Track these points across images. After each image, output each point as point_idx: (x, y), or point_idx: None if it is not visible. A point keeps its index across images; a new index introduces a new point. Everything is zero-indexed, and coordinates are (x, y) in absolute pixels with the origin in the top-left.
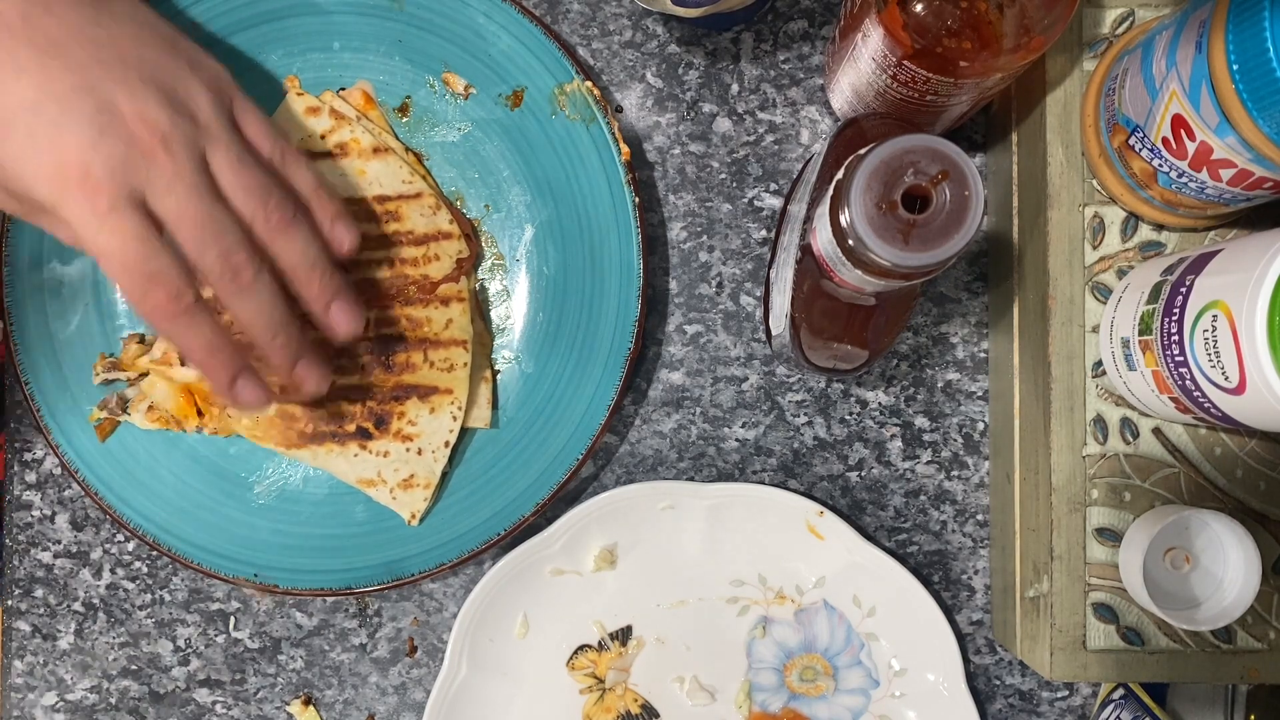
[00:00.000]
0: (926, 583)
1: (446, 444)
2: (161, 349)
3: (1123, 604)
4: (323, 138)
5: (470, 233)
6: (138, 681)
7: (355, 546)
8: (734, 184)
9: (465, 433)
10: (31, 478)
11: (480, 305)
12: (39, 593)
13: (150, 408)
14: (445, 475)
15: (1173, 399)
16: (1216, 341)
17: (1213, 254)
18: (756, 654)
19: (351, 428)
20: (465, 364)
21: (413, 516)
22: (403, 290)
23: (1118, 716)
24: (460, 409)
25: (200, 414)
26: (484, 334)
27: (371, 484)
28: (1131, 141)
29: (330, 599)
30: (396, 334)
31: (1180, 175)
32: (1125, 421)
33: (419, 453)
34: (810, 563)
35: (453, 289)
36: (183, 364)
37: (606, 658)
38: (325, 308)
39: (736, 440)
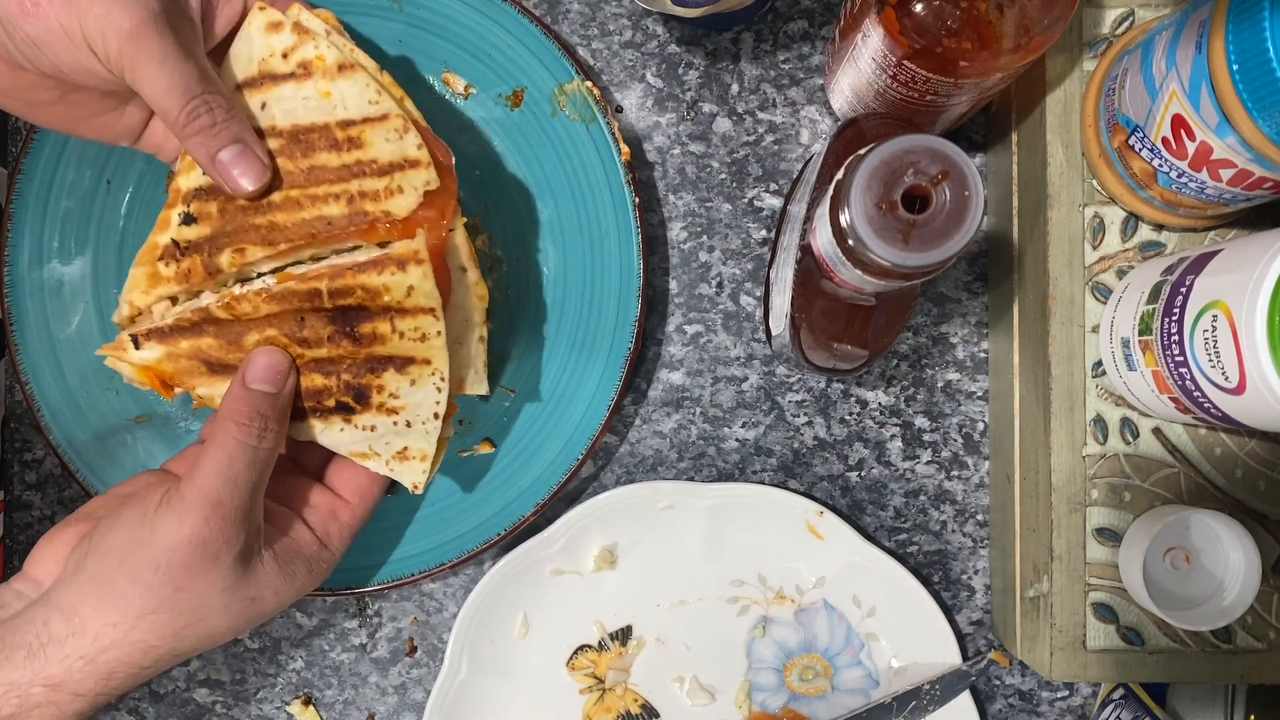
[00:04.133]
0: (926, 583)
1: (436, 415)
2: (118, 343)
3: (1123, 604)
4: (284, 56)
5: (445, 163)
6: None
7: (355, 546)
8: (734, 184)
9: (464, 432)
10: (31, 478)
11: (473, 254)
12: None
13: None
14: (448, 443)
15: (1173, 399)
16: (1216, 341)
17: (1213, 254)
18: (756, 654)
19: (331, 403)
20: (438, 332)
21: (415, 486)
22: (363, 230)
23: (1118, 716)
24: (443, 379)
25: (169, 388)
26: (477, 286)
27: (365, 457)
28: (1131, 141)
29: (330, 599)
30: (355, 304)
31: (1180, 175)
32: (1125, 421)
33: (408, 425)
34: (810, 563)
35: (408, 249)
36: (137, 346)
37: (606, 658)
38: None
39: (736, 440)
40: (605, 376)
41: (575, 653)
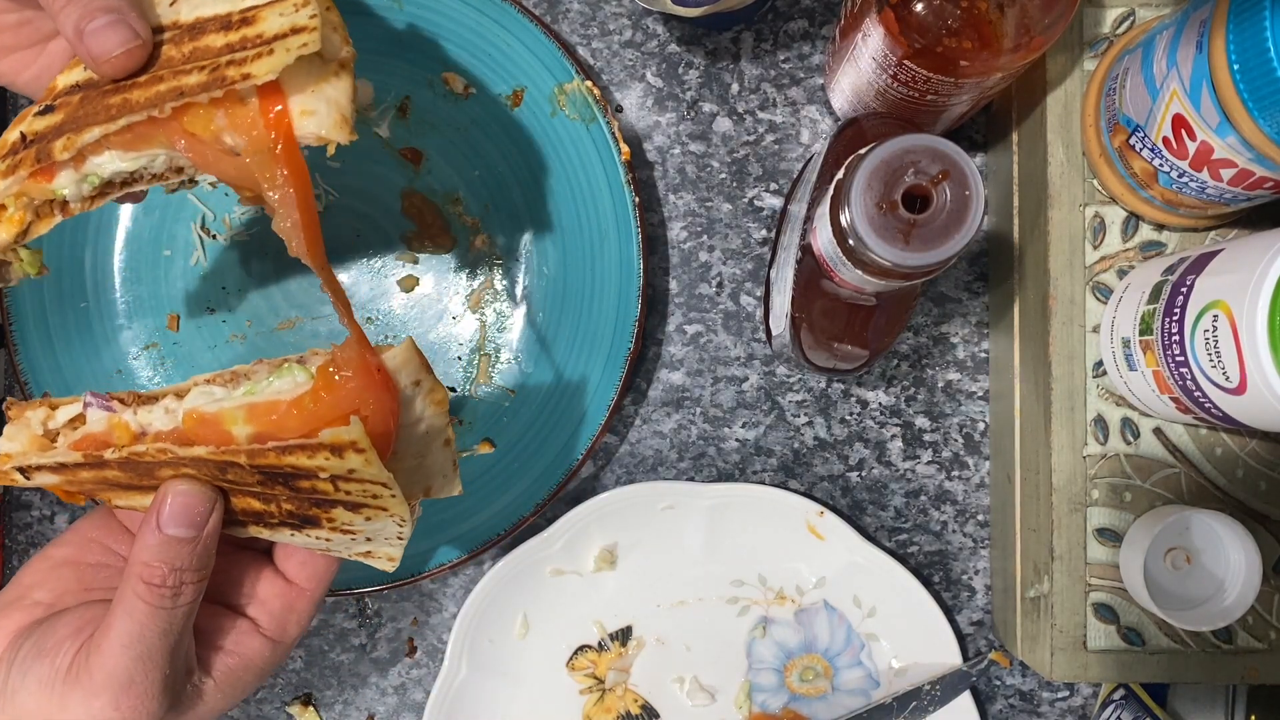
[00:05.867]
0: (927, 583)
1: (400, 538)
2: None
3: (1123, 604)
4: None
5: (346, 54)
6: None
7: None
8: (734, 184)
9: (464, 432)
10: None
11: (424, 362)
12: None
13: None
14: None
15: (1173, 399)
16: (1217, 341)
17: (1213, 254)
18: (757, 654)
19: (274, 522)
20: (393, 495)
21: (385, 569)
22: (215, 101)
23: (1118, 717)
24: (403, 521)
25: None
26: (433, 393)
27: (324, 550)
28: (1132, 141)
29: (330, 599)
30: (287, 472)
31: (1181, 175)
32: (1126, 421)
33: (368, 539)
34: (810, 563)
35: (341, 438)
36: (26, 477)
37: (606, 658)
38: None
39: (737, 440)
40: (605, 376)
41: (575, 653)
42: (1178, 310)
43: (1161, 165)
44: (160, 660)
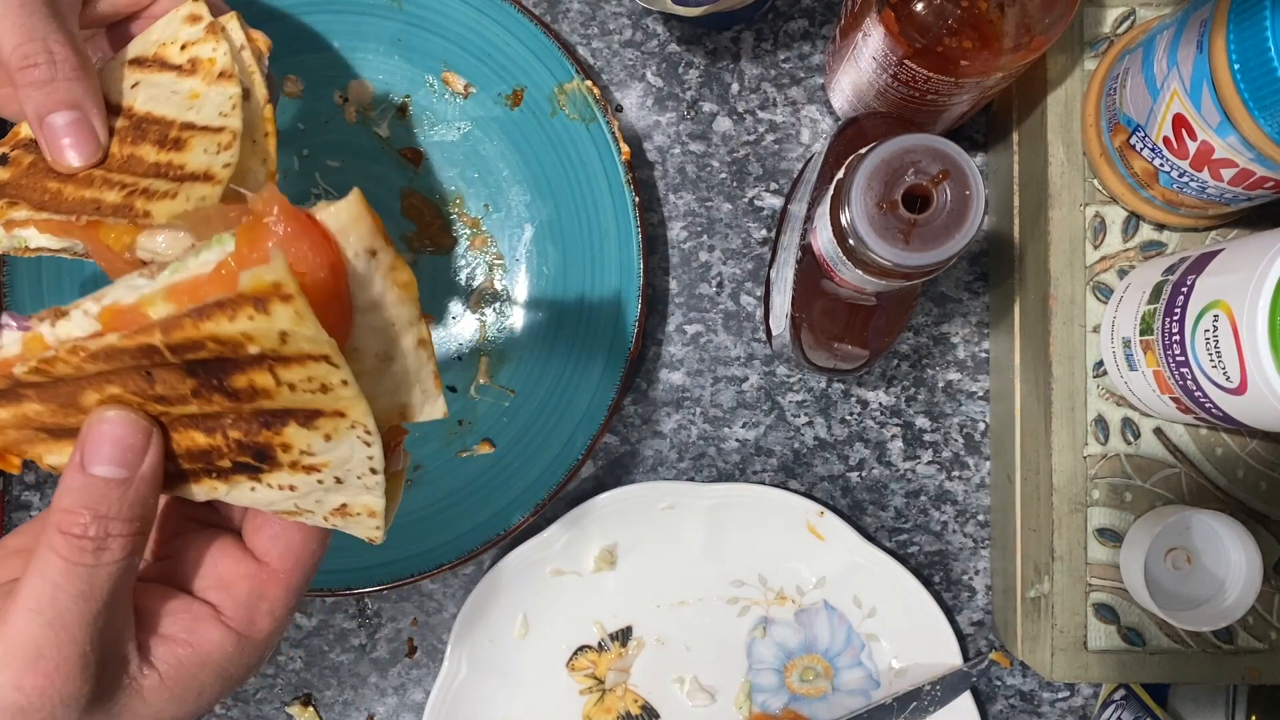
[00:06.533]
0: (927, 583)
1: (373, 470)
2: None
3: (1124, 604)
4: (183, 48)
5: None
6: None
7: (354, 546)
8: (734, 183)
9: (464, 432)
10: (31, 478)
11: (379, 227)
12: None
13: None
14: (403, 481)
15: (1174, 399)
16: (1218, 341)
17: (1214, 254)
18: (757, 654)
19: (225, 464)
20: (343, 380)
21: (370, 540)
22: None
23: (1119, 717)
24: (369, 431)
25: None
26: (394, 271)
27: (294, 514)
28: (1133, 141)
29: (330, 599)
30: (211, 358)
31: (1181, 175)
32: (1126, 421)
33: (337, 481)
34: (811, 563)
35: (261, 281)
36: None
37: (606, 658)
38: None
39: (737, 440)
40: (605, 376)
41: (575, 653)
42: (1178, 310)
43: (1162, 165)
44: (77, 631)
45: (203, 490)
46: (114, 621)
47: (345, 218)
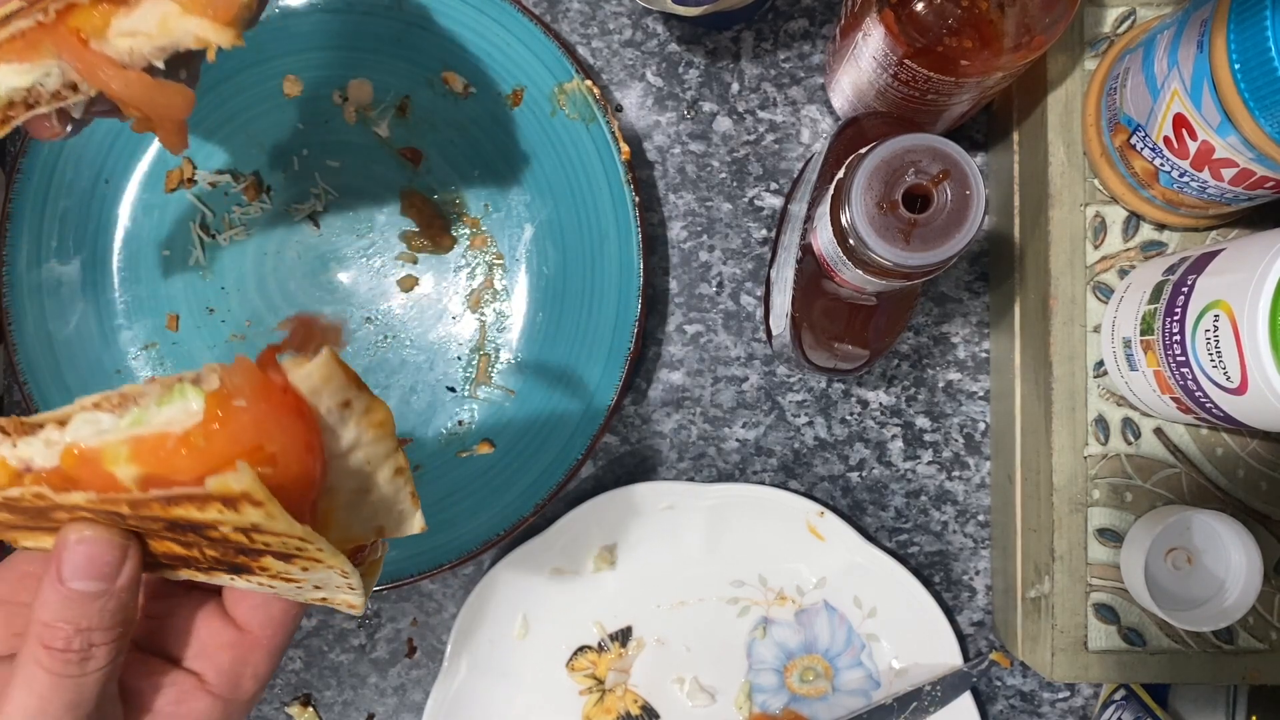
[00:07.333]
0: (927, 583)
1: (351, 588)
2: None
3: (1124, 604)
4: None
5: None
6: None
7: None
8: (734, 183)
9: (464, 432)
10: None
11: (350, 377)
12: None
13: None
14: (380, 566)
15: (1174, 399)
16: (1218, 341)
17: (1214, 254)
18: (757, 655)
19: (204, 567)
20: (318, 548)
21: (351, 607)
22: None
23: (1119, 717)
24: (347, 575)
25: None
26: (370, 413)
27: (274, 593)
28: (1133, 141)
29: None
30: (186, 524)
31: (1182, 175)
32: (1127, 421)
33: (316, 587)
34: (811, 563)
35: (229, 488)
36: None
37: (606, 659)
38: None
39: (737, 440)
40: (605, 377)
41: (575, 653)
42: (1179, 310)
43: (1162, 165)
44: None
45: (182, 575)
46: (103, 715)
47: (318, 378)
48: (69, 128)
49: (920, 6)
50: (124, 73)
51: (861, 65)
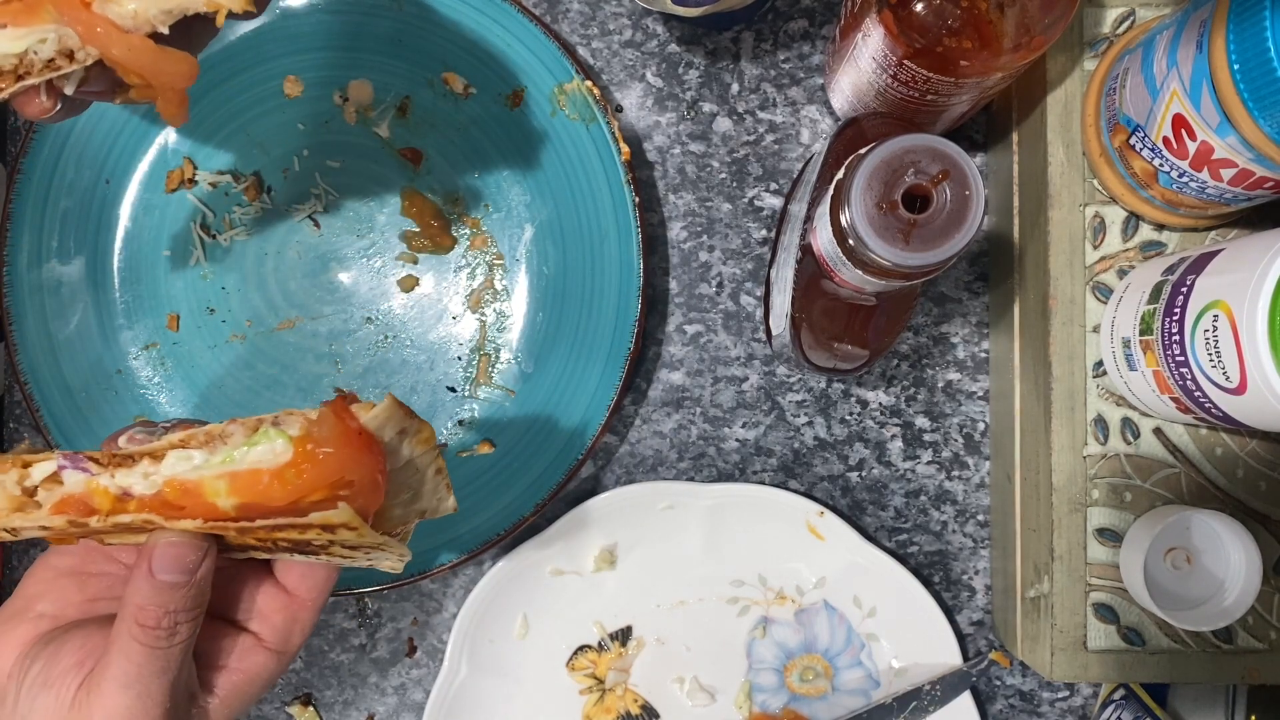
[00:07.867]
0: (927, 583)
1: (401, 556)
2: None
3: (1123, 604)
4: None
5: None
6: None
7: None
8: (734, 184)
9: (464, 432)
10: None
11: (404, 411)
12: None
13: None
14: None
15: (1173, 399)
16: (1217, 341)
17: (1214, 254)
18: (757, 654)
19: (272, 551)
20: (379, 544)
21: (394, 568)
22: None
23: (1119, 717)
24: (401, 556)
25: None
26: (419, 436)
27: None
28: (1132, 141)
29: (330, 599)
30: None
31: (1181, 175)
32: (1126, 421)
33: (368, 559)
34: (811, 563)
35: (331, 519)
36: (13, 536)
37: (606, 658)
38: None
39: (737, 440)
40: (605, 376)
41: (575, 653)
42: (1178, 310)
43: (1161, 165)
44: (160, 696)
45: (249, 555)
46: (183, 677)
47: (382, 419)
48: (59, 105)
49: (920, 7)
50: (127, 36)
51: (861, 66)
